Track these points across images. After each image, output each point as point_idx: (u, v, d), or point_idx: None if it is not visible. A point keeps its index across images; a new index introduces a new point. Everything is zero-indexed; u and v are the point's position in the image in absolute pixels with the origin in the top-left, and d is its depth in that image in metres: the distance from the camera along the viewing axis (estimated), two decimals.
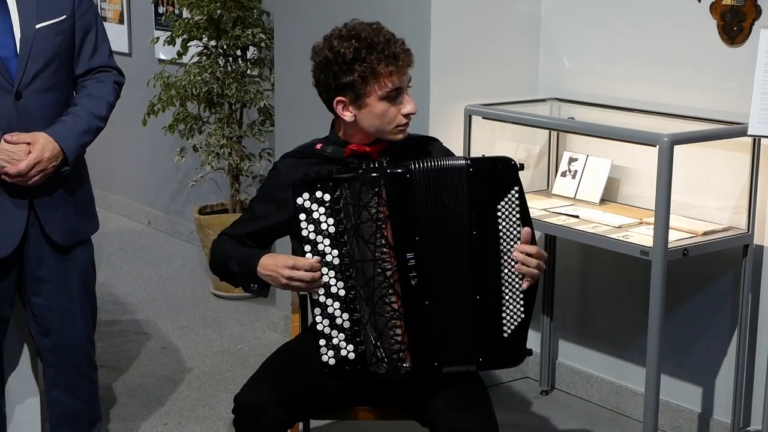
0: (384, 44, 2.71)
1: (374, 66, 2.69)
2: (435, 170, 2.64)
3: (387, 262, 2.61)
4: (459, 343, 2.67)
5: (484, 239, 2.64)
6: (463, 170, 2.64)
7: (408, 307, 2.62)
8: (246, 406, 2.67)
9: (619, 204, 3.87)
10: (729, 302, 3.66)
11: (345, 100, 2.75)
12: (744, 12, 3.49)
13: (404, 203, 2.62)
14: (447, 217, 2.64)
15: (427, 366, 2.65)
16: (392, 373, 2.65)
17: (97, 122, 3.07)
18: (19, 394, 3.38)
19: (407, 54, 2.75)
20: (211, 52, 5.28)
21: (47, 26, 2.97)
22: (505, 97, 4.03)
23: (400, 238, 2.61)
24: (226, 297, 5.33)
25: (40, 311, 3.14)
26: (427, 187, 2.63)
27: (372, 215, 2.60)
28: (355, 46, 2.71)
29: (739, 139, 3.43)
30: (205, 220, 5.37)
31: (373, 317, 2.63)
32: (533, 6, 4.13)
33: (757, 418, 3.58)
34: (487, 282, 2.65)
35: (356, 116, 2.76)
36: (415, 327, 2.63)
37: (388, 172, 2.62)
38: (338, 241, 2.64)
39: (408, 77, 2.78)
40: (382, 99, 2.73)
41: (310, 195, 2.64)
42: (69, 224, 3.09)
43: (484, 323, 2.66)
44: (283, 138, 4.65)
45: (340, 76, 2.72)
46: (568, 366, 4.22)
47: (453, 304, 2.65)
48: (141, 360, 4.57)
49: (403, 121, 2.78)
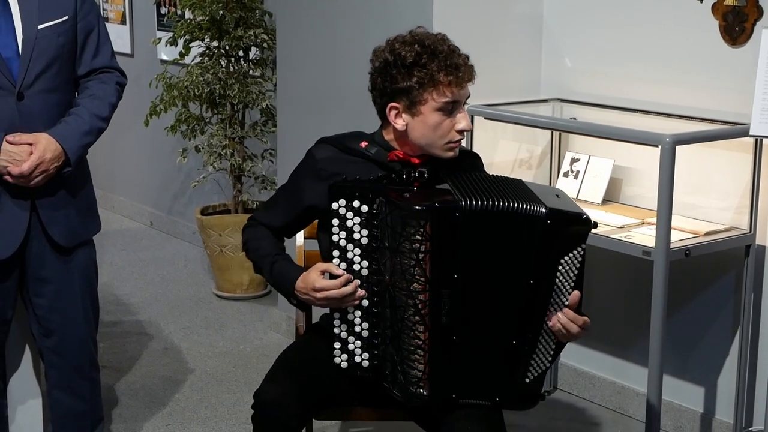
0: (447, 53, 2.64)
1: (434, 73, 2.61)
2: (495, 212, 2.52)
3: (421, 295, 2.53)
4: (481, 379, 2.62)
5: (538, 289, 2.55)
6: (540, 221, 2.51)
7: (435, 341, 2.55)
8: (267, 403, 2.65)
9: (621, 204, 3.87)
10: (731, 302, 3.66)
11: (399, 107, 2.66)
12: (746, 12, 3.48)
13: (449, 240, 2.51)
14: (500, 257, 2.54)
15: (445, 397, 2.61)
16: (407, 399, 2.61)
17: (99, 123, 3.07)
18: (21, 394, 3.39)
19: (469, 68, 2.67)
20: (213, 52, 5.28)
21: (49, 27, 2.97)
22: (507, 97, 4.03)
23: (438, 274, 2.52)
24: (229, 298, 5.33)
25: (42, 312, 3.14)
26: (477, 225, 2.52)
27: (414, 248, 2.51)
28: (417, 50, 2.62)
29: (741, 139, 3.43)
30: (207, 221, 5.37)
31: (396, 341, 2.58)
32: (535, 6, 4.13)
33: (760, 418, 3.58)
34: (528, 330, 2.59)
35: (408, 125, 2.67)
36: (439, 361, 2.57)
37: (437, 207, 2.51)
38: (369, 254, 2.59)
39: (467, 93, 2.68)
40: (438, 110, 2.63)
41: (347, 203, 2.58)
42: (70, 225, 3.09)
43: (512, 367, 2.60)
44: (286, 138, 4.65)
45: (398, 79, 2.64)
46: (570, 366, 4.21)
47: (485, 342, 2.59)
48: (143, 361, 4.57)
49: (456, 138, 2.68)
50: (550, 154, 4.12)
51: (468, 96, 2.69)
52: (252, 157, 5.34)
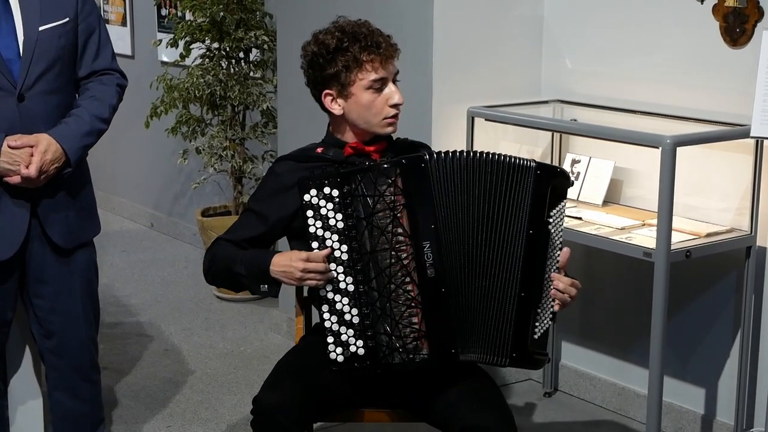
0: (367, 35, 2.77)
1: (356, 54, 2.74)
2: (475, 163, 2.64)
3: (403, 251, 2.62)
4: (493, 334, 2.66)
5: (538, 240, 2.64)
6: (531, 171, 2.63)
7: (425, 295, 2.62)
8: (267, 408, 2.66)
9: (622, 206, 3.86)
10: (732, 304, 3.66)
11: (332, 93, 2.80)
12: (746, 14, 3.48)
13: (421, 191, 2.62)
14: (489, 207, 2.63)
15: (444, 353, 2.65)
16: (407, 362, 2.64)
17: (100, 124, 3.07)
18: (22, 396, 3.39)
19: (390, 45, 2.80)
20: (214, 54, 5.28)
21: (50, 28, 2.97)
22: (508, 98, 4.03)
23: (417, 226, 2.62)
24: (229, 299, 5.33)
25: (42, 313, 3.14)
26: (453, 176, 2.63)
27: (388, 204, 2.62)
28: (338, 36, 2.77)
29: (742, 140, 3.43)
30: (208, 222, 5.38)
31: (388, 306, 2.63)
32: (536, 7, 4.13)
33: (761, 420, 3.57)
34: (534, 282, 2.65)
35: (344, 109, 2.80)
36: (433, 315, 2.63)
37: (403, 162, 2.63)
38: (347, 236, 2.64)
39: (394, 69, 2.81)
40: (368, 89, 2.76)
41: (318, 191, 2.64)
42: (70, 227, 3.09)
43: (523, 320, 2.65)
44: (286, 140, 4.65)
45: (325, 67, 2.77)
46: (571, 368, 4.21)
47: (486, 295, 2.65)
48: (144, 362, 4.57)
49: (391, 113, 2.80)
50: (550, 155, 4.12)
51: (396, 72, 2.82)
52: (252, 158, 5.35)
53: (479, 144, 3.89)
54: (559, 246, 2.67)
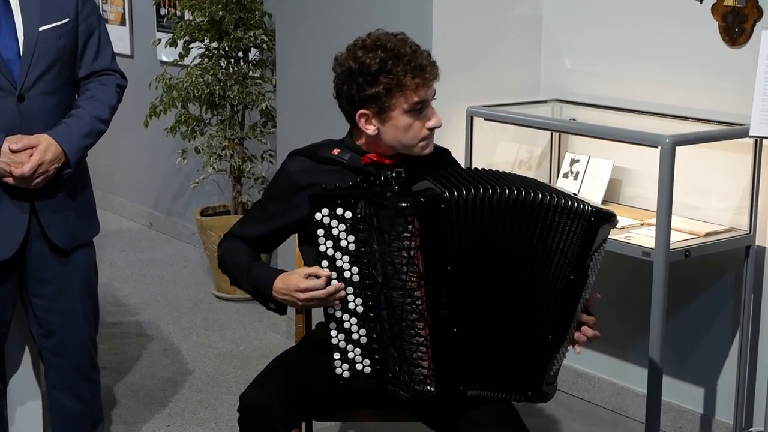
0: (410, 56, 2.63)
1: (400, 78, 2.60)
2: (498, 204, 2.52)
3: (417, 291, 2.51)
4: (510, 374, 2.59)
5: (576, 285, 2.54)
6: (585, 216, 2.50)
7: (436, 336, 2.53)
8: (251, 406, 2.66)
9: (621, 205, 3.87)
10: (731, 303, 3.66)
11: (368, 113, 2.66)
12: (745, 13, 3.49)
13: (439, 233, 2.50)
14: (522, 249, 2.52)
15: (451, 390, 2.58)
16: (414, 396, 2.58)
17: (99, 125, 3.07)
18: (21, 396, 3.39)
19: (434, 66, 2.67)
20: (213, 53, 5.28)
21: (50, 29, 2.97)
22: (507, 98, 4.03)
23: (432, 268, 2.50)
24: (228, 299, 5.33)
25: (42, 313, 3.14)
26: (470, 217, 2.51)
27: (404, 246, 2.50)
28: (381, 57, 2.61)
29: (741, 140, 3.43)
30: (207, 222, 5.38)
31: (397, 342, 2.55)
32: (535, 7, 4.13)
33: (759, 419, 3.58)
34: (563, 325, 2.57)
35: (380, 130, 2.67)
36: (443, 355, 2.54)
37: (422, 201, 2.49)
38: (358, 259, 2.56)
39: (433, 90, 2.69)
40: (407, 112, 2.64)
41: (330, 211, 2.55)
42: (70, 227, 3.09)
43: (545, 361, 2.58)
44: (285, 139, 4.65)
45: (365, 87, 2.63)
46: (570, 367, 4.21)
47: (511, 336, 2.57)
48: (143, 362, 4.57)
49: (427, 135, 2.69)
50: (549, 155, 4.12)
51: (435, 93, 2.70)
52: (251, 158, 5.35)
53: (478, 144, 3.89)
54: (592, 284, 2.59)
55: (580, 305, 2.60)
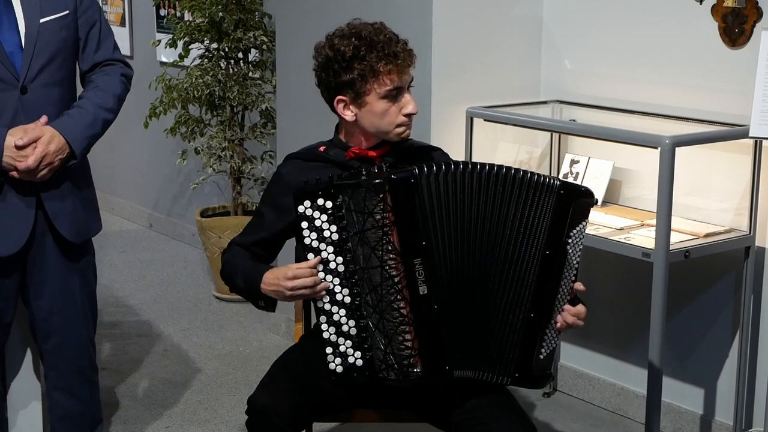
0: (384, 43, 2.72)
1: (374, 64, 2.69)
2: (471, 177, 2.56)
3: (394, 268, 2.56)
4: (496, 353, 2.62)
5: (553, 261, 2.58)
6: (553, 190, 2.56)
7: (417, 313, 2.57)
8: (261, 408, 2.66)
9: (621, 206, 3.87)
10: (731, 304, 3.66)
11: (345, 99, 2.75)
12: (745, 14, 3.49)
13: (411, 208, 2.55)
14: (495, 225, 2.57)
15: (437, 370, 2.60)
16: (402, 379, 2.60)
17: (105, 114, 3.07)
18: (21, 396, 3.38)
19: (408, 53, 2.75)
20: (213, 54, 5.28)
21: (51, 21, 2.98)
22: (507, 99, 4.03)
23: (407, 244, 2.55)
24: (228, 300, 5.33)
25: (41, 314, 3.14)
26: (443, 193, 2.56)
27: (377, 221, 2.55)
28: (354, 44, 2.71)
29: (741, 140, 3.43)
30: (207, 223, 5.37)
31: (381, 323, 2.59)
32: (535, 8, 4.13)
33: (759, 420, 3.58)
34: (546, 303, 2.60)
35: (357, 115, 2.76)
36: (426, 332, 2.57)
37: (392, 178, 2.57)
38: (342, 248, 2.59)
39: (409, 77, 2.77)
40: (383, 98, 2.72)
41: (311, 203, 2.59)
42: (77, 220, 3.08)
43: (530, 341, 2.61)
44: (285, 140, 4.65)
45: (341, 74, 2.73)
46: (570, 368, 4.21)
47: (492, 314, 2.60)
48: (143, 363, 4.57)
49: (404, 121, 2.76)
50: (549, 155, 4.12)
51: (411, 80, 2.78)
52: (251, 159, 5.35)
53: (478, 145, 3.89)
54: (575, 266, 2.62)
55: (564, 288, 2.62)
